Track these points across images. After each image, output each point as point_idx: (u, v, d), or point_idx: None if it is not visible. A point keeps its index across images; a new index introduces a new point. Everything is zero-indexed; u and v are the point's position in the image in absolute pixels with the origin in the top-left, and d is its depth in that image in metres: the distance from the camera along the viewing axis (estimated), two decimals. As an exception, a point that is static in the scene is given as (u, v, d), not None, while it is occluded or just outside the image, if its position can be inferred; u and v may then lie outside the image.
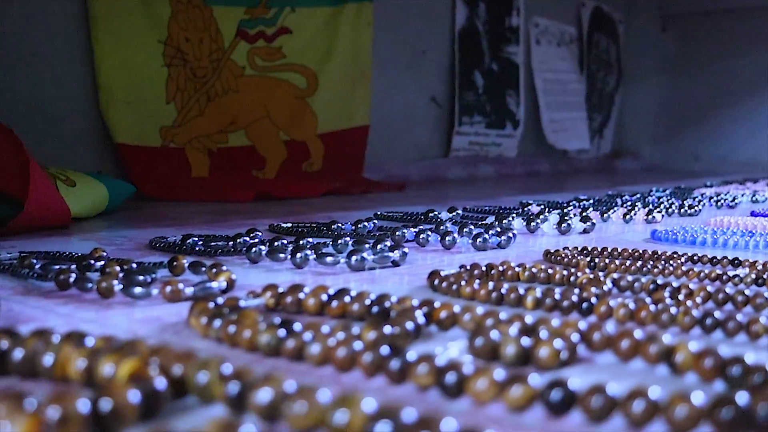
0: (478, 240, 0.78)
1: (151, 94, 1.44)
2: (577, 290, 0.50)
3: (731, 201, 1.26)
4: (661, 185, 1.85)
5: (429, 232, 0.80)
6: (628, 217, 1.02)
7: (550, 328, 0.38)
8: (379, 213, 1.09)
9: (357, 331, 0.38)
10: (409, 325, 0.40)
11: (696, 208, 1.14)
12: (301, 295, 0.48)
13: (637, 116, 2.70)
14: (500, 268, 0.61)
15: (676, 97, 2.63)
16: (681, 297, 0.50)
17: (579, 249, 0.74)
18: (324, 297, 0.48)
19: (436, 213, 1.03)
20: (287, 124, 1.58)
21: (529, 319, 0.40)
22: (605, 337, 0.37)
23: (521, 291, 0.51)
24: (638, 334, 0.36)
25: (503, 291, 0.51)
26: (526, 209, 1.13)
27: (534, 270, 0.60)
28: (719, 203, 1.25)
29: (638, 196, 1.36)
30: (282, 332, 0.38)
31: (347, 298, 0.47)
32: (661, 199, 1.29)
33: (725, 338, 0.43)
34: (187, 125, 1.48)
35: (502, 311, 0.42)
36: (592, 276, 0.57)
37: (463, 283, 0.54)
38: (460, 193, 1.62)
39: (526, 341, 0.36)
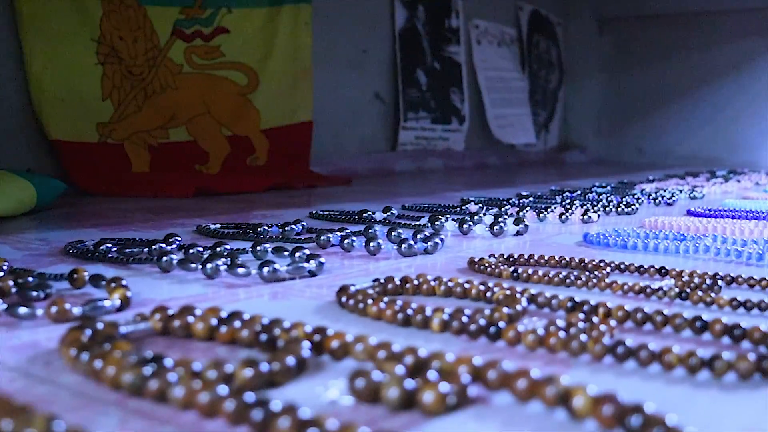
0: (403, 246, 0.75)
1: (85, 91, 1.41)
2: (488, 311, 0.47)
3: (669, 198, 1.25)
4: (606, 179, 1.84)
5: (354, 237, 0.77)
6: (564, 217, 1.00)
7: (443, 365, 0.35)
8: (314, 212, 1.05)
9: (233, 368, 0.35)
10: (291, 361, 0.36)
11: (633, 206, 1.12)
12: (191, 319, 0.45)
13: (582, 112, 2.71)
14: (415, 282, 0.58)
15: (618, 94, 2.65)
16: (597, 318, 0.47)
17: (505, 256, 0.71)
18: (214, 321, 0.44)
19: (370, 213, 1.00)
20: (229, 120, 1.55)
21: (423, 351, 0.37)
22: (501, 375, 0.34)
23: (428, 312, 0.47)
24: (536, 373, 0.33)
25: (410, 311, 0.48)
26: (464, 208, 1.10)
27: (450, 284, 0.57)
28: (657, 201, 1.23)
29: (579, 192, 1.34)
30: (148, 370, 0.34)
31: (237, 323, 0.43)
32: (601, 196, 1.28)
33: (638, 368, 0.40)
34: (125, 121, 1.45)
35: (397, 342, 0.39)
36: (509, 292, 0.54)
37: (370, 301, 0.51)
38: (407, 189, 1.60)
39: (410, 383, 0.32)
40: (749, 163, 2.39)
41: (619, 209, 1.10)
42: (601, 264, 0.67)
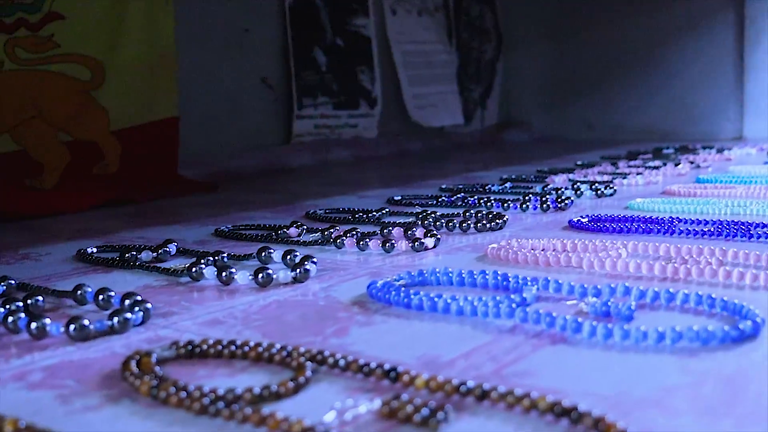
0: (72, 327, 0.52)
1: None
2: None
3: (561, 200, 1.01)
4: (535, 164, 1.62)
5: (22, 314, 0.55)
6: (389, 245, 0.77)
7: None
8: (83, 250, 0.81)
9: None
10: None
11: (499, 220, 0.89)
12: None
13: (524, 84, 2.43)
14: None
15: (564, 63, 2.37)
16: None
17: (192, 347, 0.48)
18: None
19: (134, 253, 0.77)
20: (68, 123, 1.30)
21: None
22: None
23: None
24: None
25: None
26: (281, 232, 0.87)
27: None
28: (545, 205, 1.00)
29: (461, 195, 1.11)
30: None
31: None
32: (482, 202, 1.05)
33: None
34: None
35: None
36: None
37: None
38: (293, 192, 1.35)
39: None
40: (707, 135, 2.15)
41: (479, 225, 0.87)
42: (310, 360, 0.44)
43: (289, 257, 0.71)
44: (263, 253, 0.73)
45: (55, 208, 1.17)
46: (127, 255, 0.76)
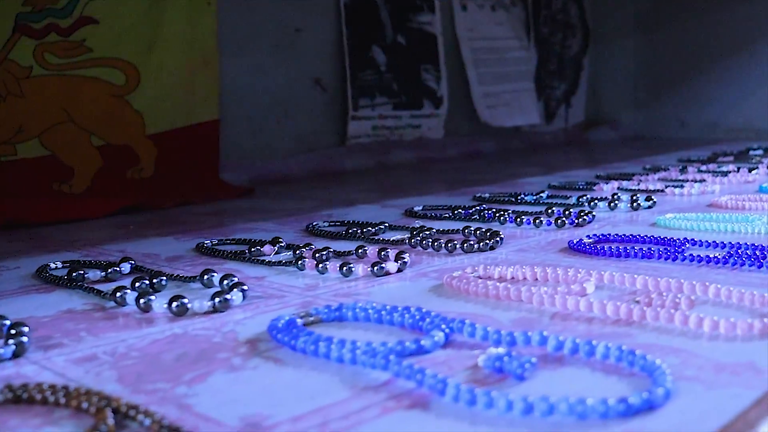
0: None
1: None
2: None
3: (581, 216, 0.92)
4: (610, 167, 1.53)
5: None
6: (346, 269, 0.71)
7: None
8: (45, 266, 0.79)
9: None
10: None
11: (490, 240, 0.81)
12: None
13: (613, 80, 2.28)
14: None
15: (657, 57, 2.21)
16: None
17: (25, 390, 0.44)
18: None
19: (80, 272, 0.74)
20: (100, 127, 1.29)
21: None
22: None
23: None
24: None
25: None
26: (278, 246, 0.83)
27: None
28: (560, 222, 0.91)
29: (478, 208, 1.03)
30: None
31: None
32: (497, 215, 0.96)
33: None
34: None
35: None
36: None
37: None
38: (325, 201, 1.31)
39: None
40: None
41: (466, 245, 0.80)
42: (125, 416, 0.39)
43: (225, 282, 0.66)
44: (205, 276, 0.69)
45: (81, 213, 1.16)
46: (74, 274, 0.73)
